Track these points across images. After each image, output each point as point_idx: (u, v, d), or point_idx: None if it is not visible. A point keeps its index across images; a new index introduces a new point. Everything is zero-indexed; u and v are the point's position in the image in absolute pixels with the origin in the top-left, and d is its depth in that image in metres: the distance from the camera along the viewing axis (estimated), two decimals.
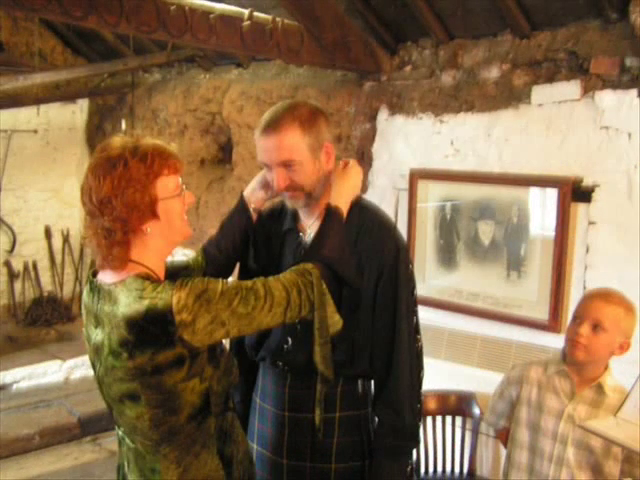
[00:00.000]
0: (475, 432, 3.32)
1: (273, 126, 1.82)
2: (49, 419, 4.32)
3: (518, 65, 3.42)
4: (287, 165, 1.83)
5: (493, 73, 3.52)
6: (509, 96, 3.45)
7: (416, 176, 3.81)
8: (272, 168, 1.85)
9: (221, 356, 1.74)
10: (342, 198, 1.87)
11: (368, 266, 1.88)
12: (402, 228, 3.91)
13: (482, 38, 3.56)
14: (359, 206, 1.96)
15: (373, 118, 4.06)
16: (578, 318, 2.17)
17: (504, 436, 2.47)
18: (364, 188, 4.09)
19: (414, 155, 3.86)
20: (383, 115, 4.00)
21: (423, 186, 3.80)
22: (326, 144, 1.87)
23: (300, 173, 1.83)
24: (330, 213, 1.82)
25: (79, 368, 4.98)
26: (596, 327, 2.11)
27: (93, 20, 2.91)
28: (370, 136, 4.08)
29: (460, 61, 3.65)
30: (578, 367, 2.20)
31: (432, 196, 3.78)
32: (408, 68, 3.90)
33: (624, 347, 2.13)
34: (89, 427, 4.39)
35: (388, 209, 3.98)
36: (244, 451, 1.85)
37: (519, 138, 3.41)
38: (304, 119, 1.83)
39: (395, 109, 3.94)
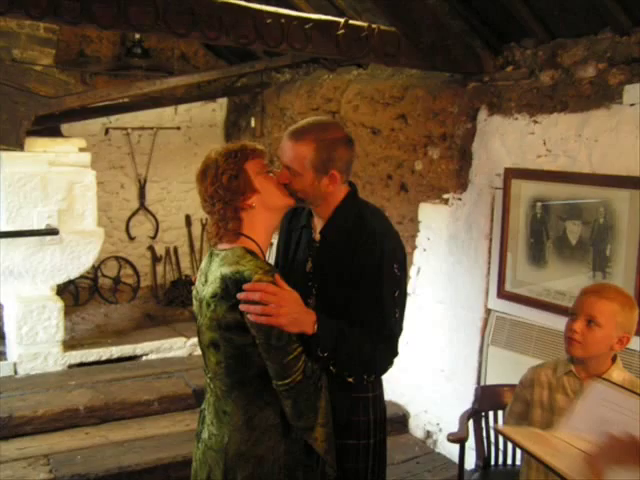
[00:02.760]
0: None
1: (296, 134, 2.05)
2: (168, 388, 4.72)
3: (615, 64, 3.38)
4: (289, 169, 2.05)
5: (589, 72, 3.50)
6: (602, 96, 3.42)
7: (510, 175, 3.86)
8: (282, 165, 2.09)
9: None
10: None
11: (357, 264, 2.03)
12: (497, 226, 4.00)
13: (583, 37, 3.53)
14: (361, 211, 2.13)
15: (474, 118, 4.13)
16: (573, 314, 2.18)
17: None
18: (464, 186, 4.21)
19: (509, 155, 3.91)
20: (483, 115, 4.06)
21: (516, 185, 3.85)
22: (333, 172, 2.03)
23: (296, 182, 2.04)
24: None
25: None
26: (590, 323, 2.11)
27: (196, 36, 3.12)
28: (471, 135, 4.15)
29: (559, 61, 3.64)
30: (583, 364, 2.21)
31: (524, 195, 3.82)
32: (510, 69, 3.92)
33: (624, 341, 2.13)
34: (202, 399, 4.73)
35: (485, 207, 4.07)
36: None
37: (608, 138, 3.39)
38: (322, 143, 2.01)
39: (494, 109, 4.00)
